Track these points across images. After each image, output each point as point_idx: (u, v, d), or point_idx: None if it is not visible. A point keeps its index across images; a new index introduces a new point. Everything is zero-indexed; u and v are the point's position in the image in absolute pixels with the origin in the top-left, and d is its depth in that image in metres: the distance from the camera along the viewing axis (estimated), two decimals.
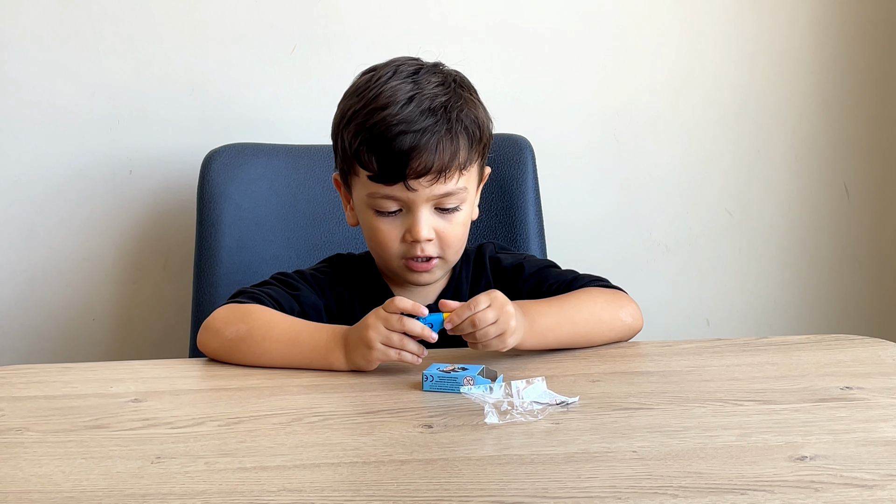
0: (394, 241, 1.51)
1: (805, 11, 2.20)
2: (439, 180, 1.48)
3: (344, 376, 1.38)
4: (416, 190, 1.47)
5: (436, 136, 1.47)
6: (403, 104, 1.47)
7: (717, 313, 2.28)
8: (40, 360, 2.09)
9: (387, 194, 1.49)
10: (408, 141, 1.45)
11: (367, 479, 1.03)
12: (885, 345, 1.49)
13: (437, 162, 1.46)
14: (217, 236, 1.90)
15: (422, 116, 1.47)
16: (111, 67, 2.07)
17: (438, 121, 1.48)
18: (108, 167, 2.09)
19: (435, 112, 1.48)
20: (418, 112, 1.47)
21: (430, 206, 1.50)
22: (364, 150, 1.48)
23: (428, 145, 1.46)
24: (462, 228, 1.53)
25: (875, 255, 2.30)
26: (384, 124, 1.46)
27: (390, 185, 1.47)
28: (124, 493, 1.00)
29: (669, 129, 2.22)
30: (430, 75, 1.53)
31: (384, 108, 1.47)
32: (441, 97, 1.50)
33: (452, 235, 1.52)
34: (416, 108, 1.47)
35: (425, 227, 1.49)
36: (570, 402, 1.24)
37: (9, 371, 1.42)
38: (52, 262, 2.12)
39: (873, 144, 2.26)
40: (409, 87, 1.50)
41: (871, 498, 0.97)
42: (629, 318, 1.52)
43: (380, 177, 1.48)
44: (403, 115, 1.47)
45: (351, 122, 1.50)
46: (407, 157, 1.45)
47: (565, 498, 0.98)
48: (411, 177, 1.46)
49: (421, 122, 1.47)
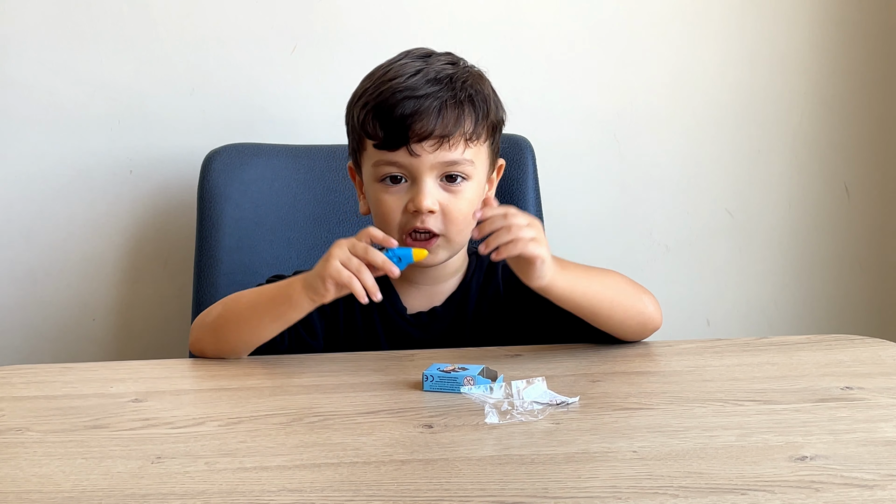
0: (396, 212, 1.49)
1: (805, 11, 2.20)
2: (442, 146, 1.47)
3: (344, 376, 1.38)
4: (419, 155, 1.47)
5: (438, 100, 1.48)
6: (410, 76, 1.50)
7: (717, 313, 2.28)
8: (40, 360, 2.09)
9: (391, 160, 1.49)
10: (410, 105, 1.47)
11: (368, 479, 1.03)
12: (885, 345, 1.49)
13: (440, 127, 1.47)
14: (217, 236, 1.90)
15: (426, 84, 1.49)
16: (111, 67, 2.07)
17: (443, 88, 1.50)
18: (108, 167, 2.09)
19: (440, 81, 1.51)
20: (423, 81, 1.50)
21: (435, 176, 1.49)
22: (369, 119, 1.50)
23: (430, 109, 1.47)
24: (467, 206, 1.50)
25: (875, 255, 2.30)
26: (389, 92, 1.49)
27: (394, 150, 1.48)
28: (124, 493, 1.00)
29: (669, 129, 2.22)
30: (441, 56, 1.56)
31: (391, 80, 1.50)
32: (448, 70, 1.53)
33: (456, 211, 1.49)
34: (421, 78, 1.50)
35: (428, 197, 1.48)
36: (570, 402, 1.24)
37: (9, 371, 1.42)
38: (52, 262, 2.12)
39: (873, 144, 2.26)
40: (419, 63, 1.53)
41: (872, 498, 0.97)
42: (651, 307, 1.50)
43: (384, 143, 1.48)
44: (408, 83, 1.49)
45: (360, 98, 1.53)
46: (410, 120, 1.46)
47: (565, 498, 0.98)
48: (413, 140, 1.47)
49: (424, 89, 1.49)
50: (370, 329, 1.58)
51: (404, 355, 1.47)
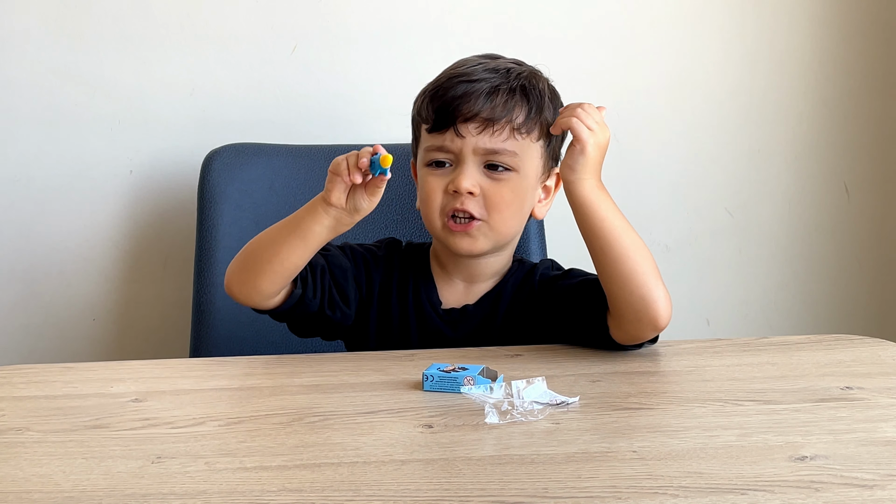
0: (438, 193, 1.51)
1: (805, 11, 2.21)
2: (486, 130, 1.49)
3: (345, 376, 1.38)
4: (464, 137, 1.49)
5: (489, 84, 1.51)
6: (471, 66, 1.54)
7: (717, 313, 2.29)
8: (40, 359, 2.09)
9: (439, 145, 1.51)
10: (462, 88, 1.50)
11: (368, 478, 1.03)
12: (885, 345, 1.49)
13: (487, 110, 1.49)
14: (217, 236, 1.90)
15: (484, 72, 1.53)
16: (111, 67, 2.07)
17: (498, 75, 1.53)
18: (108, 167, 2.10)
19: (497, 70, 1.54)
20: (482, 70, 1.53)
21: (478, 161, 1.50)
22: (426, 104, 1.53)
23: (480, 92, 1.49)
24: (511, 195, 1.51)
25: (875, 255, 2.31)
26: (446, 78, 1.54)
27: (442, 132, 1.50)
28: (125, 493, 1.00)
29: (669, 129, 2.22)
30: (508, 58, 1.59)
31: (453, 70, 1.55)
32: (509, 65, 1.56)
33: (498, 196, 1.50)
34: (481, 67, 1.54)
35: (468, 179, 1.49)
36: (570, 402, 1.24)
37: (9, 371, 1.42)
38: (52, 262, 2.12)
39: (873, 144, 2.27)
40: (484, 59, 1.57)
41: (871, 498, 0.97)
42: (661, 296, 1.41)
43: (434, 125, 1.51)
44: (467, 71, 1.53)
45: (423, 91, 1.56)
46: (459, 101, 1.49)
47: (565, 498, 0.98)
48: (459, 121, 1.49)
49: (480, 75, 1.52)
50: (404, 320, 1.58)
51: (404, 355, 1.47)
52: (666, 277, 2.13)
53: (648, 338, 1.44)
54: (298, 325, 1.56)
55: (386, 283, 1.59)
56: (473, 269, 1.58)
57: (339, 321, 1.56)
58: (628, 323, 1.43)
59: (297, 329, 1.57)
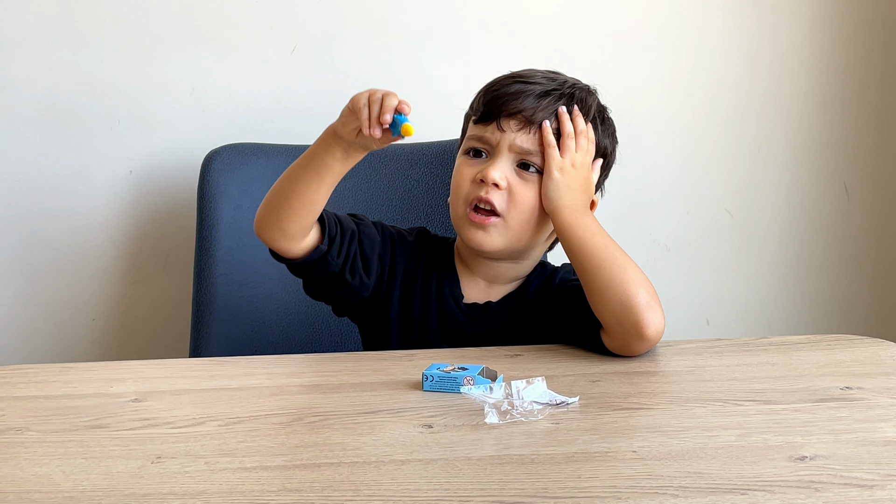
0: (466, 180, 1.54)
1: (805, 11, 2.21)
2: (525, 129, 1.52)
3: (344, 376, 1.38)
4: (504, 131, 1.52)
5: (542, 88, 1.54)
6: (532, 71, 1.58)
7: (717, 313, 2.28)
8: (40, 359, 2.09)
9: (480, 135, 1.54)
10: (516, 87, 1.54)
11: (367, 478, 1.03)
12: (885, 345, 1.49)
13: (530, 110, 1.52)
14: (217, 236, 1.90)
15: (541, 78, 1.57)
16: (111, 67, 2.07)
17: (553, 82, 1.56)
18: (108, 167, 2.09)
19: (554, 80, 1.58)
20: (540, 76, 1.57)
21: (513, 158, 1.53)
22: (480, 97, 1.57)
23: (531, 92, 1.53)
24: (535, 197, 1.53)
25: (875, 255, 2.31)
26: (505, 77, 1.58)
27: (487, 123, 1.54)
28: (124, 493, 1.00)
29: (669, 129, 2.22)
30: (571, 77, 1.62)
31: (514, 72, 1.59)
32: (567, 78, 1.60)
33: (523, 196, 1.52)
34: (540, 75, 1.58)
35: (497, 170, 1.51)
36: (570, 403, 1.24)
37: (9, 371, 1.42)
38: (53, 262, 2.12)
39: (873, 144, 2.27)
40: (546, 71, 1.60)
41: (871, 498, 0.97)
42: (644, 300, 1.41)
43: (481, 117, 1.54)
44: (526, 73, 1.57)
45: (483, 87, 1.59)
46: (508, 98, 1.53)
47: (565, 498, 0.98)
48: (504, 115, 1.52)
49: (536, 80, 1.56)
50: (425, 310, 1.58)
51: (404, 355, 1.47)
52: (666, 277, 2.13)
53: (639, 349, 1.43)
54: (314, 283, 1.57)
55: (411, 271, 1.60)
56: (493, 271, 1.59)
57: (355, 289, 1.56)
58: (614, 332, 1.44)
59: (312, 288, 1.58)
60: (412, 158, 1.99)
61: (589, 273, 1.46)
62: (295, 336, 1.93)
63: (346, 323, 1.70)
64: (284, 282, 1.93)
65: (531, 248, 1.58)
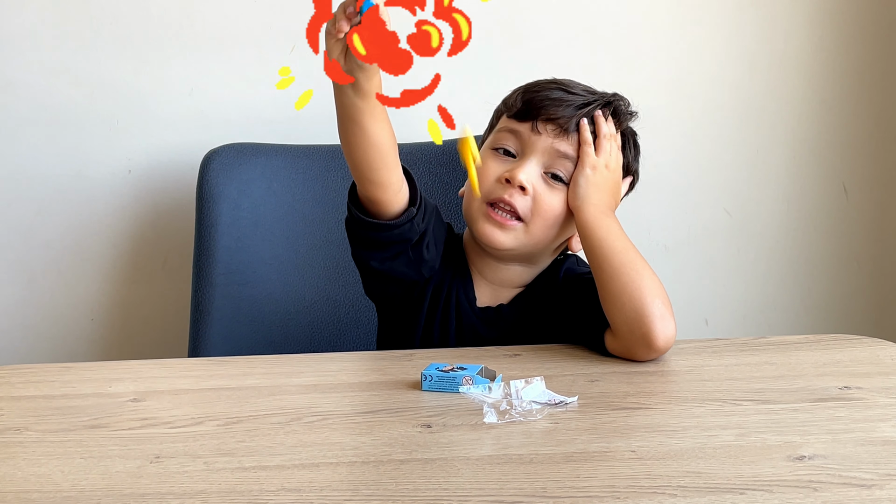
0: (491, 177, 1.53)
1: (805, 11, 2.21)
2: (562, 135, 1.52)
3: (343, 376, 1.38)
4: (540, 134, 1.52)
5: (583, 99, 1.55)
6: (572, 81, 1.59)
7: (715, 313, 2.28)
8: (39, 359, 2.09)
9: (513, 129, 1.54)
10: (557, 93, 1.54)
11: (366, 478, 1.03)
12: (884, 345, 1.49)
13: (569, 119, 1.52)
14: (216, 236, 1.90)
15: (583, 90, 1.57)
16: (111, 67, 2.07)
17: (594, 96, 1.57)
18: (108, 167, 2.09)
19: (594, 93, 1.58)
20: (581, 88, 1.58)
21: (542, 163, 1.52)
22: (517, 95, 1.57)
23: (572, 102, 1.54)
24: (560, 206, 1.52)
25: (874, 255, 2.31)
26: (546, 82, 1.58)
27: (522, 121, 1.53)
28: (123, 493, 1.00)
29: (669, 129, 2.22)
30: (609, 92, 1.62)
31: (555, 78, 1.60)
32: (606, 92, 1.60)
33: (547, 204, 1.52)
34: (581, 87, 1.58)
35: (526, 173, 1.51)
36: (568, 402, 1.24)
37: (8, 371, 1.42)
38: (52, 262, 2.12)
39: (872, 144, 2.27)
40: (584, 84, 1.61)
41: (870, 498, 0.97)
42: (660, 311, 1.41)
43: (517, 113, 1.54)
44: (567, 81, 1.58)
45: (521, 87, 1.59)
46: (549, 103, 1.53)
47: (564, 498, 0.98)
48: (542, 118, 1.52)
49: (578, 91, 1.56)
50: (446, 311, 1.58)
51: (403, 355, 1.47)
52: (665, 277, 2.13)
53: (644, 358, 1.43)
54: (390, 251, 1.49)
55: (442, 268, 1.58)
56: (501, 274, 1.59)
57: (429, 262, 1.52)
58: (622, 337, 1.43)
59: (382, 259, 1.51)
60: (412, 158, 1.99)
61: (606, 275, 1.45)
62: (294, 336, 1.93)
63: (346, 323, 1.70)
64: (283, 282, 1.93)
65: (542, 255, 1.58)
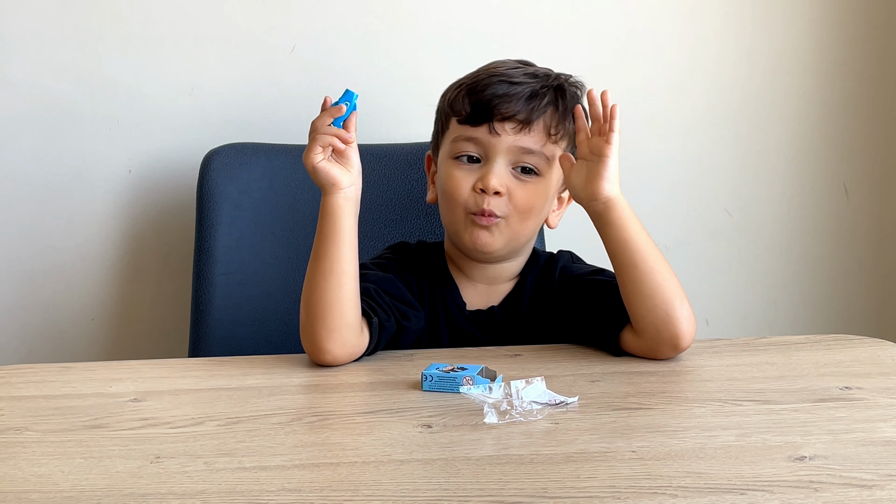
0: (464, 190, 1.51)
1: (805, 11, 2.20)
2: (523, 131, 1.51)
3: (343, 375, 1.38)
4: (500, 135, 1.51)
5: (529, 87, 1.53)
6: (510, 68, 1.56)
7: (716, 313, 2.28)
8: (39, 359, 2.09)
9: (470, 136, 1.52)
10: (503, 88, 1.52)
11: (367, 478, 1.03)
12: (884, 345, 1.49)
13: (525, 112, 1.51)
14: (216, 236, 1.90)
15: (524, 76, 1.55)
16: (111, 67, 2.07)
17: (538, 80, 1.55)
18: (108, 167, 2.09)
19: (536, 75, 1.56)
20: (521, 73, 1.56)
21: (508, 161, 1.52)
22: (460, 97, 1.54)
23: (520, 94, 1.52)
24: (535, 197, 1.52)
25: (875, 256, 2.31)
26: (485, 76, 1.55)
27: (476, 126, 1.51)
28: (123, 493, 1.00)
29: (669, 129, 2.22)
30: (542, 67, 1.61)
31: (491, 69, 1.57)
32: (546, 71, 1.58)
33: (522, 198, 1.51)
34: (520, 71, 1.56)
35: (497, 178, 1.50)
36: (569, 402, 1.24)
37: (8, 371, 1.42)
38: (52, 262, 2.12)
39: (873, 144, 2.27)
40: (520, 64, 1.59)
41: (871, 498, 0.97)
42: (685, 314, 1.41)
43: (468, 118, 1.52)
44: (507, 71, 1.55)
45: (457, 84, 1.58)
46: (498, 100, 1.51)
47: (564, 498, 0.98)
48: (497, 119, 1.51)
49: (520, 78, 1.54)
50: (434, 322, 1.58)
51: (403, 355, 1.47)
52: None
53: (667, 356, 1.43)
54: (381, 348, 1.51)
55: (416, 287, 1.58)
56: (492, 272, 1.59)
57: (416, 327, 1.53)
58: (648, 337, 1.43)
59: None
60: (410, 158, 1.99)
61: (638, 275, 1.42)
62: (294, 336, 1.91)
63: None
64: (284, 282, 1.93)
65: (527, 244, 1.59)
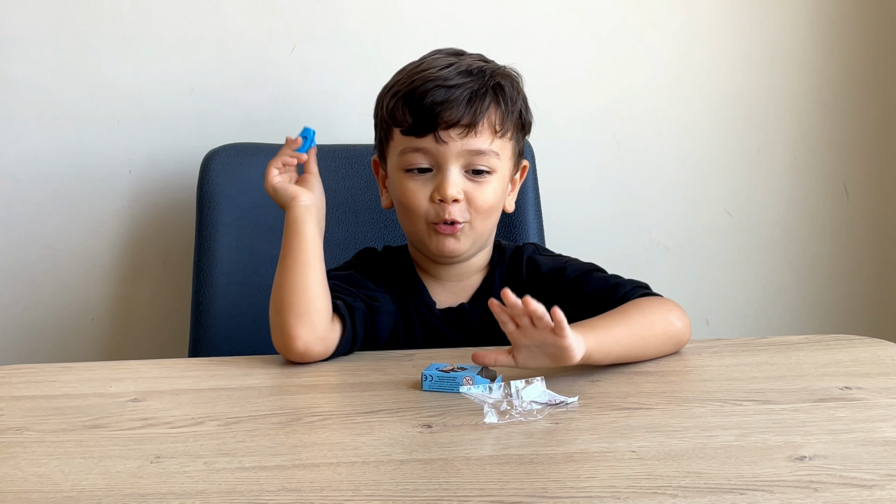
0: (422, 202, 1.52)
1: (804, 11, 2.20)
2: (469, 134, 1.50)
3: (343, 375, 1.38)
4: (447, 143, 1.50)
5: (469, 90, 1.51)
6: (442, 68, 1.54)
7: (716, 313, 2.28)
8: (40, 359, 2.09)
9: (418, 147, 1.51)
10: (441, 94, 1.50)
11: (366, 478, 1.03)
12: (884, 345, 1.49)
13: (468, 115, 1.50)
14: (216, 236, 1.90)
15: (458, 76, 1.53)
16: (111, 67, 2.07)
17: (474, 79, 1.53)
18: (108, 167, 2.09)
19: (471, 73, 1.54)
20: (455, 73, 1.53)
21: (460, 165, 1.51)
22: (399, 106, 1.52)
23: (460, 98, 1.50)
24: (493, 196, 1.53)
25: (875, 255, 2.30)
26: (420, 81, 1.52)
27: (421, 136, 1.50)
28: (123, 493, 1.00)
29: (669, 129, 2.22)
30: (473, 54, 1.59)
31: (423, 72, 1.54)
32: (480, 65, 1.56)
33: (482, 199, 1.52)
34: (453, 70, 1.53)
35: (453, 186, 1.50)
36: (569, 402, 1.24)
37: (8, 371, 1.42)
38: (52, 262, 2.12)
39: (873, 145, 2.27)
40: (451, 59, 1.57)
41: (871, 498, 0.97)
42: (679, 323, 1.46)
43: (412, 129, 1.51)
44: (440, 74, 1.52)
45: (391, 89, 1.56)
46: (439, 107, 1.49)
47: (564, 498, 0.98)
48: (441, 127, 1.49)
49: (456, 80, 1.52)
50: (408, 323, 1.58)
51: (403, 355, 1.47)
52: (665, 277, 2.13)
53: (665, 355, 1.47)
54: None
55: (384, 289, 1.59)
56: (458, 269, 1.60)
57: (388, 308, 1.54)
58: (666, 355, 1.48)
59: None
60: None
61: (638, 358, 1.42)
62: None
63: None
64: None
65: (490, 236, 1.60)
